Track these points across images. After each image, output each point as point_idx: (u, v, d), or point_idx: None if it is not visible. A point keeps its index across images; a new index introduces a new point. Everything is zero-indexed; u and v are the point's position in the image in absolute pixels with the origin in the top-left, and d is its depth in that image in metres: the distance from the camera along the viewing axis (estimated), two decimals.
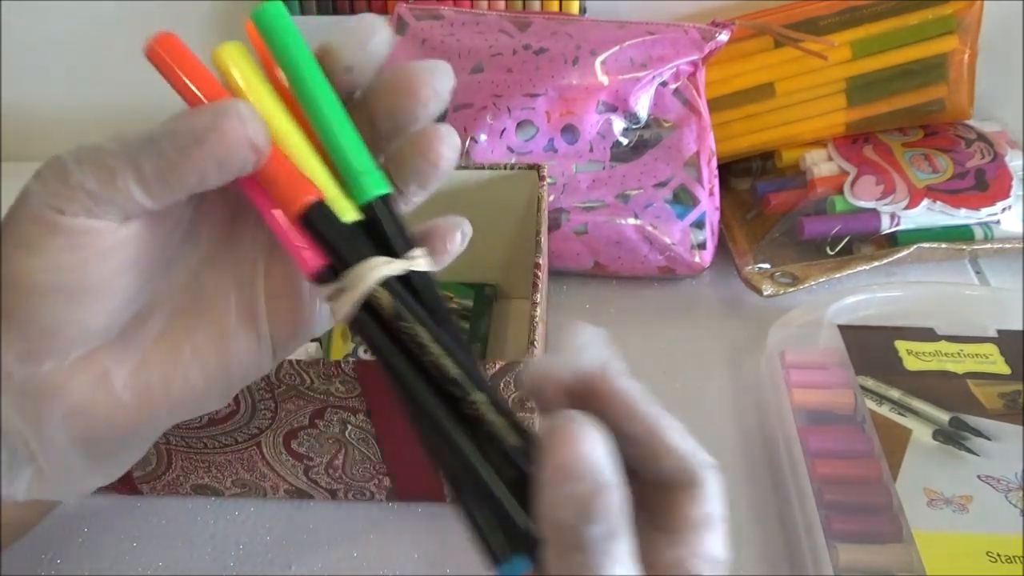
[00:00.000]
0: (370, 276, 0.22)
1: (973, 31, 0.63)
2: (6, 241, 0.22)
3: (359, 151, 0.23)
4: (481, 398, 0.21)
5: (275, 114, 0.23)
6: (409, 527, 0.46)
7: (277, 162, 0.22)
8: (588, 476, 0.19)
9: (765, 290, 0.58)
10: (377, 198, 0.23)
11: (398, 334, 0.22)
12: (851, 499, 0.42)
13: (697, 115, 0.60)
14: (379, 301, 0.22)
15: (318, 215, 0.22)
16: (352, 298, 0.22)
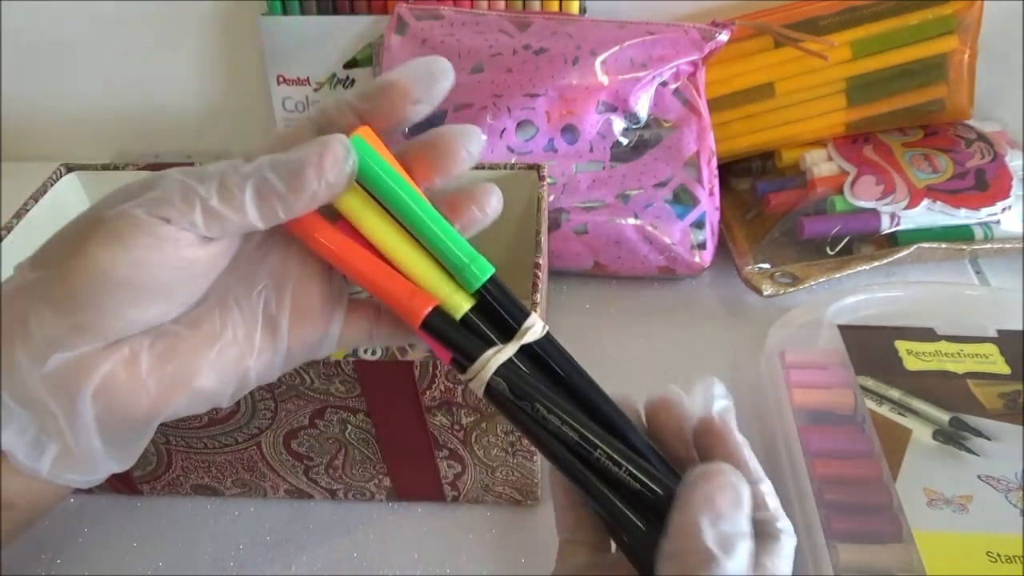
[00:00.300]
0: (485, 370, 0.25)
1: (973, 31, 0.63)
2: (101, 231, 0.24)
3: (461, 244, 0.26)
4: (600, 454, 0.25)
5: (383, 232, 0.26)
6: (409, 527, 0.46)
7: (392, 281, 0.26)
8: (737, 517, 0.23)
9: (765, 290, 0.58)
10: (487, 282, 0.26)
11: (524, 409, 0.25)
12: (851, 499, 0.42)
13: (697, 115, 0.60)
14: (500, 387, 0.25)
15: (433, 324, 0.26)
16: (479, 387, 0.26)
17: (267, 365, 0.28)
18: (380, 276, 0.26)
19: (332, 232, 0.26)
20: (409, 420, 0.41)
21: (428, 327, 0.26)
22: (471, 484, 0.45)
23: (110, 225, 0.24)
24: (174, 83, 0.77)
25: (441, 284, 0.26)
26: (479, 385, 0.26)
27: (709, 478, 0.23)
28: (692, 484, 0.24)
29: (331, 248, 0.26)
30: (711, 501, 0.23)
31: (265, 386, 0.40)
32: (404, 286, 0.26)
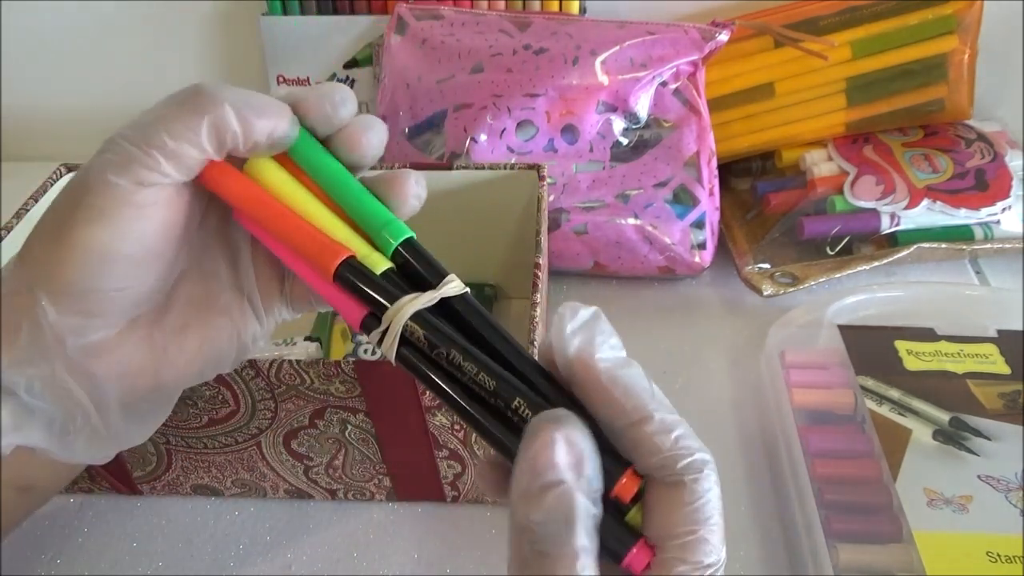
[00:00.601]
0: (402, 314, 0.24)
1: (973, 31, 0.63)
2: (81, 214, 0.24)
3: (377, 208, 0.26)
4: (520, 403, 0.23)
5: (303, 199, 0.27)
6: (409, 527, 0.46)
7: (306, 233, 0.26)
8: (545, 474, 0.20)
9: (765, 290, 0.58)
10: (403, 242, 0.26)
11: (438, 360, 0.24)
12: (851, 499, 0.42)
13: (697, 115, 0.60)
14: (415, 335, 0.24)
15: (350, 271, 0.25)
16: (392, 337, 0.24)
17: (250, 330, 0.30)
18: (292, 230, 0.26)
19: (247, 188, 0.26)
20: (409, 420, 0.41)
21: (341, 278, 0.25)
22: (471, 484, 0.45)
23: (90, 203, 0.24)
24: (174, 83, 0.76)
25: (358, 244, 0.26)
26: (392, 338, 0.24)
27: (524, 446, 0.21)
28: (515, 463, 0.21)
29: (244, 203, 0.26)
30: (521, 464, 0.20)
31: (265, 386, 0.40)
32: (319, 239, 0.25)
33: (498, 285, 0.60)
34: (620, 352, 0.23)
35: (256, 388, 0.40)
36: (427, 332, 0.24)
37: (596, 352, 0.23)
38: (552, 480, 0.20)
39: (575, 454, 0.20)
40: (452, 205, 0.54)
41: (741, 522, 0.46)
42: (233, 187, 0.26)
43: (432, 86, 0.60)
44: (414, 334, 0.24)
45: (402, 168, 0.30)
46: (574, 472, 0.20)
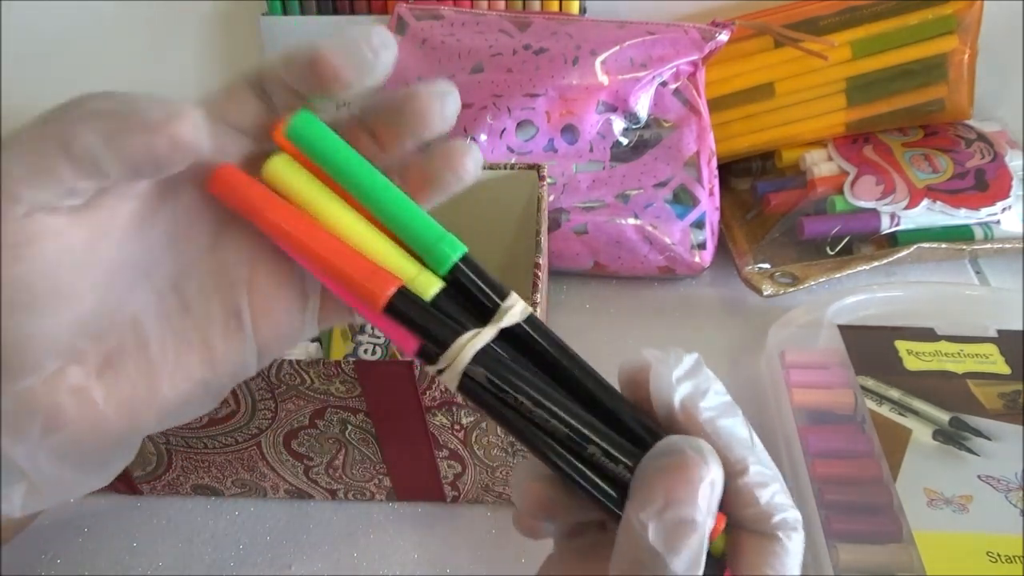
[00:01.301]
0: (460, 358, 0.22)
1: (973, 31, 0.63)
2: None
3: (426, 222, 0.23)
4: (594, 450, 0.22)
5: (337, 213, 0.23)
6: (409, 527, 0.46)
7: (349, 260, 0.22)
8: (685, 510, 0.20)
9: (765, 290, 0.58)
10: (459, 260, 0.23)
11: (504, 400, 0.22)
12: (851, 499, 0.42)
13: (697, 115, 0.60)
14: (477, 375, 0.22)
15: (399, 306, 0.22)
16: (453, 377, 0.22)
17: (238, 361, 0.25)
18: (334, 254, 0.22)
19: (280, 209, 0.22)
20: (409, 420, 0.41)
21: (393, 310, 0.22)
22: (471, 484, 0.45)
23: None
24: (174, 83, 0.77)
25: (406, 265, 0.23)
26: (453, 377, 0.22)
27: (658, 460, 0.20)
28: (643, 468, 0.21)
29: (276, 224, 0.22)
30: (660, 492, 0.20)
31: (265, 386, 0.40)
32: (363, 265, 0.22)
33: None
34: (724, 398, 0.23)
35: (256, 388, 0.40)
36: (489, 374, 0.22)
37: (701, 401, 0.23)
38: (690, 518, 0.20)
39: (716, 498, 0.20)
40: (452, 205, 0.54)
41: None
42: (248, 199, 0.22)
43: None
44: (476, 377, 0.22)
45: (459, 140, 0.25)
46: (710, 515, 0.20)
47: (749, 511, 0.22)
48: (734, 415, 0.23)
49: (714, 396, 0.23)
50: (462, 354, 0.22)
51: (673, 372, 0.23)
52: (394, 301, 0.22)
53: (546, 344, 0.23)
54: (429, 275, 0.23)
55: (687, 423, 0.22)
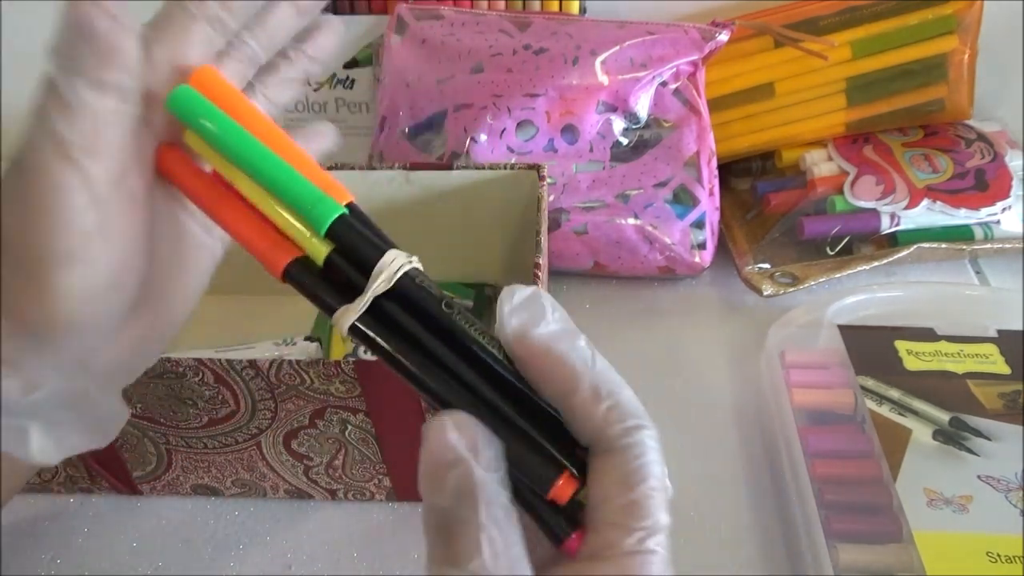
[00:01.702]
0: (343, 324, 0.23)
1: (973, 31, 0.63)
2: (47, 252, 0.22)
3: (303, 186, 0.24)
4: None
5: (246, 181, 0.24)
6: (409, 527, 0.46)
7: (254, 232, 0.24)
8: (443, 455, 0.21)
9: (765, 290, 0.58)
10: (336, 220, 0.24)
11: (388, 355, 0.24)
12: (851, 499, 0.42)
13: (697, 115, 0.60)
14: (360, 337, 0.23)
15: (295, 275, 0.24)
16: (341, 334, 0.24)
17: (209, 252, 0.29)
18: (240, 227, 0.25)
19: (199, 179, 0.25)
20: (409, 420, 0.41)
21: (290, 278, 0.24)
22: None
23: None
24: None
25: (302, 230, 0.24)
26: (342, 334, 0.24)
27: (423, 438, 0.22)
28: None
29: (197, 196, 0.25)
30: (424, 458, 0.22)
31: (265, 386, 0.40)
32: (265, 236, 0.24)
33: (498, 285, 0.60)
34: (560, 324, 0.22)
35: (256, 388, 0.40)
36: (363, 344, 0.23)
37: (533, 329, 0.22)
38: (450, 459, 0.20)
39: (468, 437, 0.21)
40: (452, 205, 0.54)
41: (741, 522, 0.46)
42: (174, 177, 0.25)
43: (432, 86, 0.60)
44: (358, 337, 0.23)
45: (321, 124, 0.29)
46: (471, 452, 0.20)
47: (588, 428, 0.21)
48: (572, 340, 0.22)
49: (548, 324, 0.22)
50: (342, 323, 0.23)
51: (506, 307, 0.22)
52: (289, 271, 0.24)
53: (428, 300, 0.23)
54: (319, 241, 0.24)
55: (522, 352, 0.22)
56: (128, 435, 0.44)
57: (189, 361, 0.39)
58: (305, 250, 0.24)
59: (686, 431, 0.51)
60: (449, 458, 0.21)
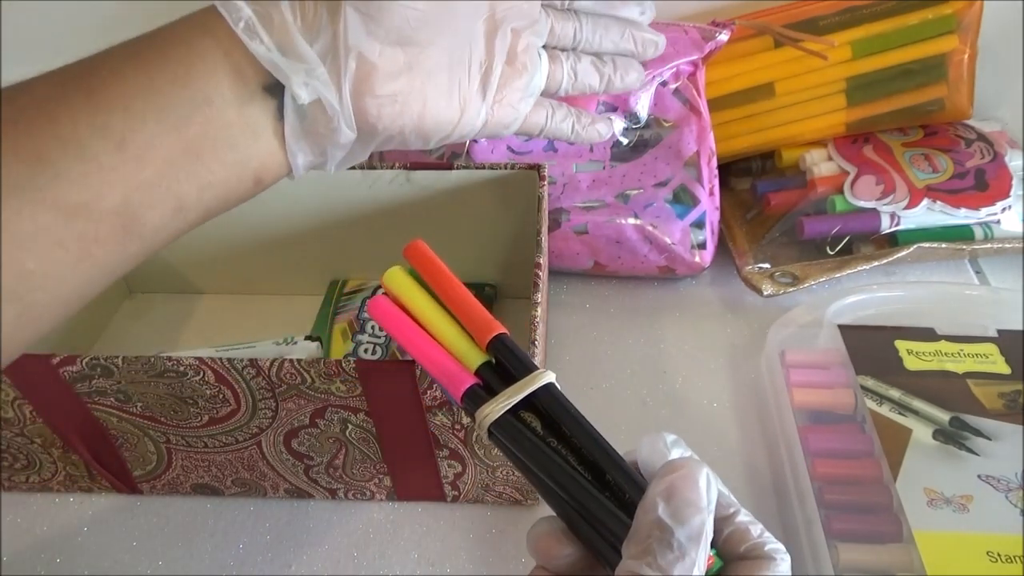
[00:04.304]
0: (484, 422, 0.27)
1: (973, 31, 0.63)
2: None
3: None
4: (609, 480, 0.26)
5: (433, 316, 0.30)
6: (409, 527, 0.46)
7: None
8: (691, 495, 0.23)
9: (765, 290, 0.58)
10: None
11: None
12: (851, 499, 0.42)
13: (697, 115, 0.60)
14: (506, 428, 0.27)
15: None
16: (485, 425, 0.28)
17: None
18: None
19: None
20: (409, 420, 0.41)
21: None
22: (471, 484, 0.45)
23: None
24: None
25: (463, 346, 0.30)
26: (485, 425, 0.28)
27: (669, 467, 0.24)
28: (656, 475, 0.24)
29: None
30: (669, 482, 0.23)
31: (266, 385, 0.40)
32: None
33: (498, 285, 0.60)
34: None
35: (257, 387, 0.40)
36: (506, 440, 0.27)
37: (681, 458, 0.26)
38: (693, 498, 0.23)
39: (711, 493, 0.24)
40: (452, 205, 0.54)
41: None
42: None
43: None
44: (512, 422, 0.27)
45: None
46: (709, 505, 0.23)
47: (744, 545, 0.25)
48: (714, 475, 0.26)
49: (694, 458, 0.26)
50: (484, 421, 0.27)
51: (659, 443, 0.26)
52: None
53: (562, 414, 0.27)
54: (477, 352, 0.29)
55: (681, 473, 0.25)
56: (128, 434, 0.44)
57: (190, 360, 0.39)
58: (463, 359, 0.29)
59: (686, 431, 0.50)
60: (696, 501, 0.23)
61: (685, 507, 0.23)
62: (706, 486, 0.24)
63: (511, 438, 0.27)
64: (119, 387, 0.41)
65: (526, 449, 0.27)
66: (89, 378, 0.40)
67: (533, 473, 0.27)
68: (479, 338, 0.29)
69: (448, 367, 0.29)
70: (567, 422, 0.27)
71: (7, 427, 0.44)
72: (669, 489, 0.23)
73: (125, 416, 0.42)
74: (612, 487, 0.26)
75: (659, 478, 0.24)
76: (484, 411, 0.27)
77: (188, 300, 0.62)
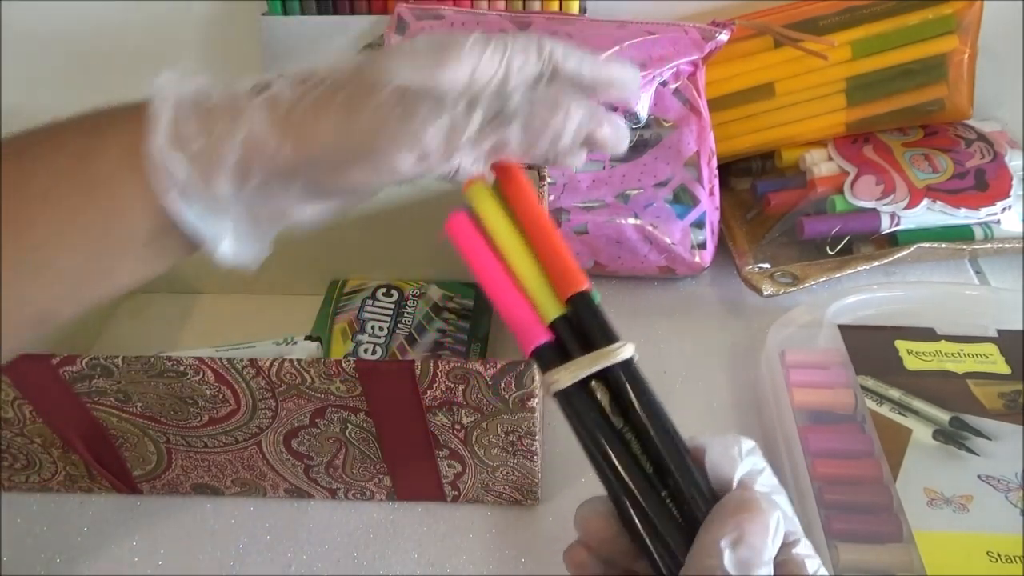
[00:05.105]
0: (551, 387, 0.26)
1: (973, 31, 0.63)
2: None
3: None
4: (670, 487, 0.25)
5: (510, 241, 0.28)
6: (409, 527, 0.46)
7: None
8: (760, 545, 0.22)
9: (765, 290, 0.58)
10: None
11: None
12: (851, 499, 0.42)
13: (697, 115, 0.60)
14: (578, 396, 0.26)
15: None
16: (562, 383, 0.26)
17: None
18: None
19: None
20: (409, 420, 0.41)
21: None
22: (471, 484, 0.45)
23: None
24: None
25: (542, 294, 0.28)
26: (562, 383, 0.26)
27: (741, 505, 0.23)
28: (723, 506, 0.23)
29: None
30: (738, 525, 0.22)
31: (266, 385, 0.40)
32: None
33: None
34: (774, 479, 0.25)
35: (257, 387, 0.40)
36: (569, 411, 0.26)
37: (759, 477, 0.25)
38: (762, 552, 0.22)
39: (779, 542, 0.23)
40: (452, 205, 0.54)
41: None
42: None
43: None
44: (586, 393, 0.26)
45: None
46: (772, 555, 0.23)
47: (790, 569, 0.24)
48: (781, 493, 0.25)
49: (768, 475, 0.25)
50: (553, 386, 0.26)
51: (734, 449, 0.25)
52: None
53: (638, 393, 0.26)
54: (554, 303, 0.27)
55: (744, 496, 0.24)
56: (128, 434, 0.44)
57: (190, 360, 0.39)
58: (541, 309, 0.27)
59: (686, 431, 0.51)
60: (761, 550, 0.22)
61: (751, 558, 0.22)
62: (775, 532, 0.23)
63: (575, 411, 0.25)
64: (119, 387, 0.41)
65: (587, 427, 0.25)
66: (89, 378, 0.40)
67: (590, 451, 0.25)
68: (560, 288, 0.27)
69: (522, 316, 0.27)
70: (641, 405, 0.25)
71: (7, 427, 0.44)
72: (738, 536, 0.22)
73: (125, 416, 0.42)
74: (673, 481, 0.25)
75: (727, 515, 0.23)
76: (553, 376, 0.26)
77: (188, 300, 0.62)
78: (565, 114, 0.28)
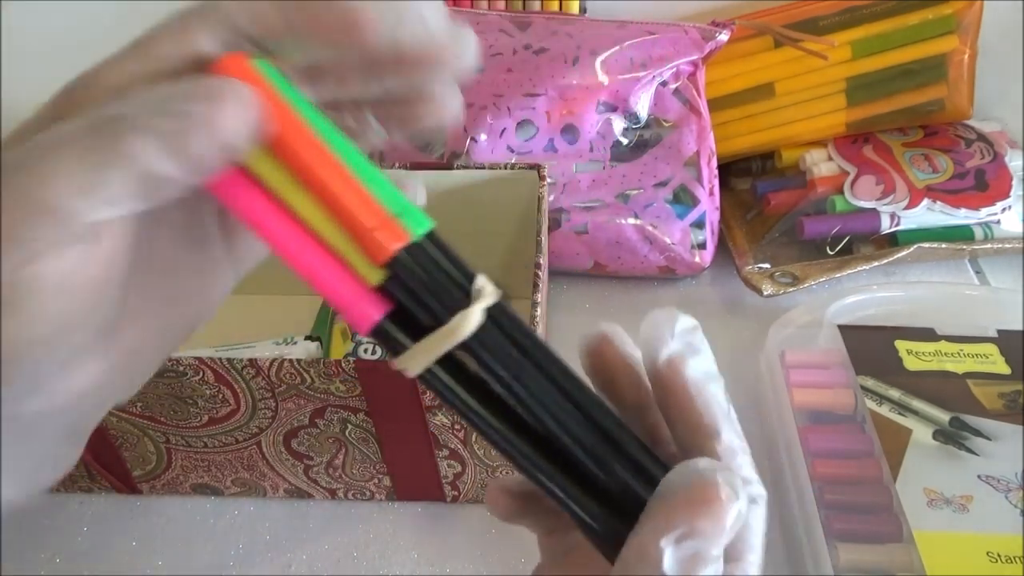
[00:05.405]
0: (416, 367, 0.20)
1: (973, 31, 0.63)
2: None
3: (391, 195, 0.20)
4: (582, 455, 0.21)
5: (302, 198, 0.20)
6: (409, 527, 0.46)
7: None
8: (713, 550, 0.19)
9: (765, 290, 0.58)
10: (423, 237, 0.20)
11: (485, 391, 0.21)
12: (851, 499, 0.42)
13: (697, 115, 0.60)
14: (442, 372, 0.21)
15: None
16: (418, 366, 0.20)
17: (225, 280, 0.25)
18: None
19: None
20: (409, 420, 0.41)
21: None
22: (471, 484, 0.45)
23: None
24: None
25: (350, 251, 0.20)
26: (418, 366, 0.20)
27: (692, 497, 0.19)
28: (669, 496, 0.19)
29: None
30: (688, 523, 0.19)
31: (266, 385, 0.40)
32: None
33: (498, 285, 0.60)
34: (712, 366, 0.22)
35: (256, 387, 0.40)
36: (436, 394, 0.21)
37: (691, 359, 0.22)
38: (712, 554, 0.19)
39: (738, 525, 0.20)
40: (452, 205, 0.54)
41: None
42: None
43: None
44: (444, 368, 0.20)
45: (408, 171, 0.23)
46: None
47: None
48: (717, 382, 0.22)
49: (704, 360, 0.22)
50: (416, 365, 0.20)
51: (667, 328, 0.22)
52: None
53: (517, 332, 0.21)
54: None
55: (670, 379, 0.22)
56: (128, 434, 0.44)
57: (189, 360, 0.39)
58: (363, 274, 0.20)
59: None
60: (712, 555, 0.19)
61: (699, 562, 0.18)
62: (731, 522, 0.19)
63: (438, 392, 0.20)
64: None
65: (459, 408, 0.21)
66: None
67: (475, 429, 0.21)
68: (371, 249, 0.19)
69: (342, 285, 0.20)
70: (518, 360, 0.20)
71: None
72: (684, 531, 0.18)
73: (125, 416, 0.42)
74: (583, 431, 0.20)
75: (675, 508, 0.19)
76: (400, 365, 0.20)
77: None
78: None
